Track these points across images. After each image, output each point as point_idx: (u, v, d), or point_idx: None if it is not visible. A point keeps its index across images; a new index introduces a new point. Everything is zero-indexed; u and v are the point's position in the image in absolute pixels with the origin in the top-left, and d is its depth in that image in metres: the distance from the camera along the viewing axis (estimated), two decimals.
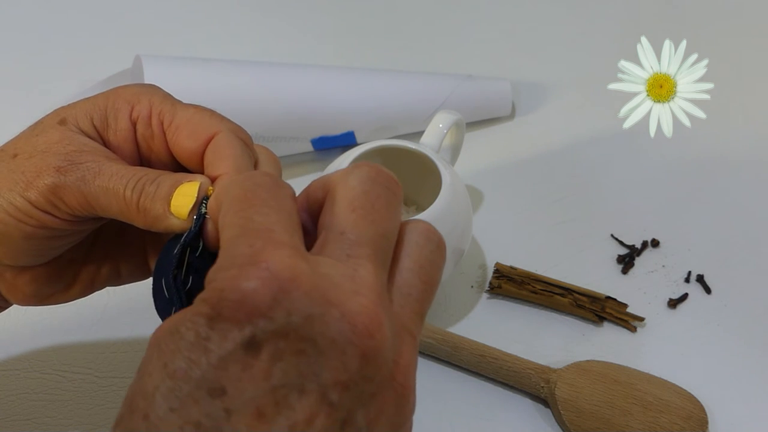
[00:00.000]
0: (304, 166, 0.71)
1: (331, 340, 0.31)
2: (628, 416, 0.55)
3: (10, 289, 0.46)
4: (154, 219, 0.41)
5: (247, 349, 0.31)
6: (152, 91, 0.45)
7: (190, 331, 0.31)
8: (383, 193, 0.36)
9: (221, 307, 0.31)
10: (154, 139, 0.44)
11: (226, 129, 0.43)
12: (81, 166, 0.42)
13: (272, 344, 0.31)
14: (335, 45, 0.82)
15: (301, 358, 0.31)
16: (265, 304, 0.31)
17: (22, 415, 0.56)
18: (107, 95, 0.45)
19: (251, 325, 0.31)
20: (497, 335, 0.60)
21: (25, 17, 0.83)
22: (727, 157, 0.73)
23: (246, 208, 0.34)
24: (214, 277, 0.32)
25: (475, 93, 0.73)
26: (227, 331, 0.31)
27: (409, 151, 0.61)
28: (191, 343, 0.31)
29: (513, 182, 0.71)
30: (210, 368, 0.31)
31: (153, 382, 0.31)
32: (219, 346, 0.31)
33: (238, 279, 0.31)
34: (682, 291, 0.64)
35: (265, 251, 0.32)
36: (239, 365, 0.31)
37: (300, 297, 0.31)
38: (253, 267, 0.31)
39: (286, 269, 0.31)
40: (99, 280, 0.48)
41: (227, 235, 0.34)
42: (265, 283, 0.31)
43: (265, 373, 0.31)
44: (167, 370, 0.31)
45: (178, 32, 0.82)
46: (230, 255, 0.32)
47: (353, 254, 0.34)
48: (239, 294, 0.31)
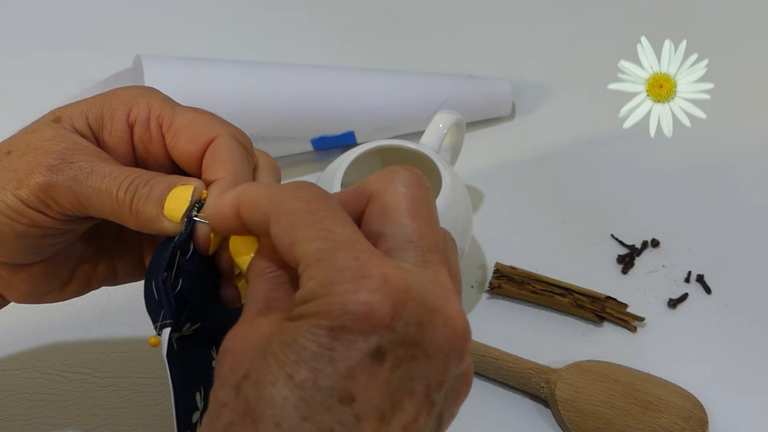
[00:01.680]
0: (304, 166, 0.71)
1: (438, 345, 0.34)
2: (628, 416, 0.55)
3: (6, 286, 0.46)
4: (146, 221, 0.41)
5: (374, 358, 0.33)
6: (151, 94, 0.45)
7: (311, 342, 0.33)
8: (429, 197, 0.38)
9: (344, 320, 0.33)
10: (152, 142, 0.44)
11: (225, 133, 0.43)
12: (73, 165, 0.42)
13: (394, 353, 0.33)
14: (335, 45, 0.82)
15: (412, 363, 0.34)
16: (389, 315, 0.33)
17: (22, 415, 0.56)
18: (105, 96, 0.45)
19: (377, 335, 0.33)
20: (497, 335, 0.60)
21: (25, 17, 0.83)
22: (727, 157, 0.73)
23: (318, 220, 0.35)
24: (329, 290, 0.33)
25: (475, 93, 0.73)
26: (352, 342, 0.33)
27: (409, 151, 0.61)
28: (315, 354, 0.33)
29: (513, 182, 0.71)
30: (339, 377, 0.32)
31: (280, 392, 0.32)
32: (345, 356, 0.33)
33: (359, 292, 0.33)
34: (682, 291, 0.64)
35: (372, 263, 0.33)
36: (367, 373, 0.33)
37: (414, 307, 0.34)
38: (370, 280, 0.33)
39: (401, 281, 0.33)
40: (95, 279, 0.48)
41: (311, 247, 0.34)
42: (387, 295, 0.33)
43: (387, 380, 0.33)
44: (294, 381, 0.32)
45: (178, 32, 0.82)
46: (335, 268, 0.33)
47: (429, 261, 0.36)
48: (364, 307, 0.33)
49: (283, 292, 0.37)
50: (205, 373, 0.41)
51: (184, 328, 0.40)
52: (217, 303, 0.42)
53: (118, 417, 0.56)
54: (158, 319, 0.39)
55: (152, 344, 0.39)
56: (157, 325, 0.39)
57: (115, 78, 0.70)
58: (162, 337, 0.39)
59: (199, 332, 0.41)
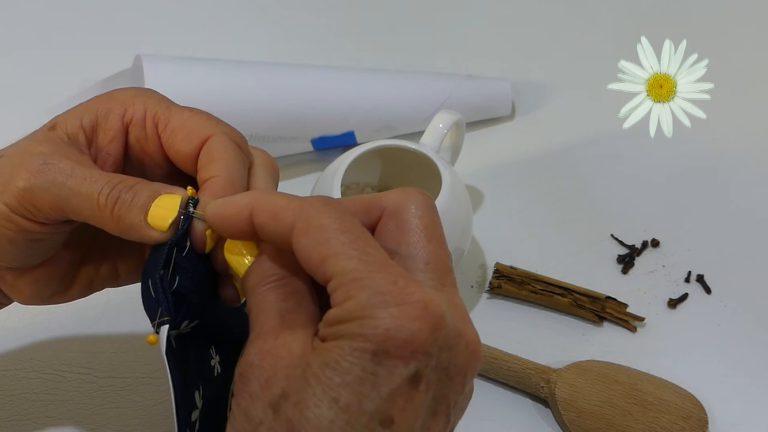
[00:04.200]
0: (304, 166, 0.71)
1: (459, 367, 0.36)
2: (628, 416, 0.55)
3: (11, 290, 0.46)
4: (128, 227, 0.41)
5: (411, 382, 0.34)
6: (147, 95, 0.45)
7: (355, 366, 0.34)
8: (440, 220, 0.39)
9: (388, 345, 0.34)
10: (148, 142, 0.44)
11: (219, 132, 0.43)
12: (53, 167, 0.42)
13: (428, 376, 0.35)
14: (335, 45, 0.82)
15: (439, 385, 0.35)
16: (427, 342, 0.34)
17: (22, 415, 0.56)
18: (101, 98, 0.45)
19: (416, 361, 0.34)
20: (497, 335, 0.60)
21: (25, 17, 0.83)
22: (727, 157, 0.73)
23: (353, 239, 0.36)
24: (371, 313, 0.34)
25: (475, 93, 0.73)
26: (394, 367, 0.34)
27: (409, 151, 0.61)
28: (359, 378, 0.34)
29: (513, 182, 0.71)
30: (381, 401, 0.34)
31: (325, 415, 0.34)
32: (388, 381, 0.34)
33: (403, 319, 0.34)
34: (682, 291, 0.64)
35: (410, 289, 0.35)
36: (405, 397, 0.34)
37: (447, 333, 0.35)
38: (411, 306, 0.34)
39: (437, 307, 0.35)
40: (98, 281, 0.48)
41: (347, 266, 0.35)
42: (426, 322, 0.34)
43: (421, 402, 0.35)
44: (339, 404, 0.34)
45: (178, 32, 0.82)
46: (375, 291, 0.35)
47: (445, 283, 0.37)
48: (407, 334, 0.34)
49: (294, 303, 0.38)
50: (203, 371, 0.41)
51: (182, 326, 0.40)
52: (216, 300, 0.42)
53: (118, 417, 0.56)
54: (156, 317, 0.39)
55: (150, 342, 0.39)
56: (154, 322, 0.39)
57: (115, 78, 0.70)
58: (160, 334, 0.39)
59: (197, 330, 0.41)
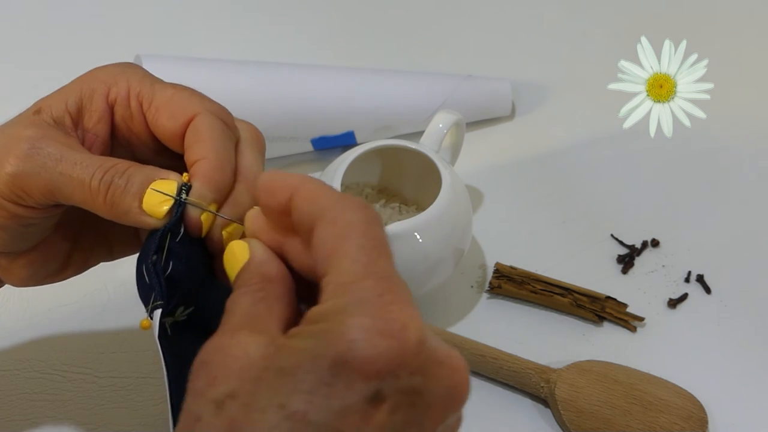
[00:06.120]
0: (304, 166, 0.71)
1: (439, 396, 0.33)
2: (628, 416, 0.55)
3: (5, 273, 0.46)
4: (122, 213, 0.41)
5: (371, 402, 0.32)
6: (130, 71, 0.45)
7: (310, 374, 0.31)
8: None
9: (349, 357, 0.31)
10: (134, 120, 0.44)
11: (205, 110, 0.43)
12: (42, 152, 0.41)
13: (393, 399, 0.32)
14: (335, 45, 0.82)
15: (410, 410, 0.33)
16: (396, 364, 0.32)
17: (22, 415, 0.56)
18: (83, 78, 0.45)
19: (379, 380, 0.32)
20: (497, 335, 0.60)
21: (25, 17, 0.83)
22: (727, 157, 0.73)
23: (373, 247, 0.34)
24: (341, 320, 0.32)
25: (475, 93, 0.73)
26: (353, 382, 0.31)
27: (409, 151, 0.61)
28: (312, 387, 0.31)
29: (513, 182, 0.71)
30: (331, 414, 0.31)
31: (268, 420, 0.31)
32: (343, 395, 0.31)
33: (372, 333, 0.32)
34: (682, 291, 0.64)
35: (394, 306, 0.33)
36: (359, 415, 0.31)
37: (424, 360, 0.33)
38: (387, 323, 0.32)
39: (417, 332, 0.32)
40: (92, 258, 0.47)
41: (347, 267, 0.34)
42: (399, 345, 0.32)
43: (381, 424, 0.32)
44: (285, 411, 0.31)
45: (178, 32, 0.82)
46: (355, 298, 0.33)
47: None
48: (373, 351, 0.32)
49: (264, 307, 0.36)
50: None
51: (177, 312, 0.40)
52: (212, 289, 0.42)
53: (118, 417, 0.56)
54: (150, 302, 0.39)
55: (144, 327, 0.39)
56: (148, 307, 0.39)
57: None
58: (153, 319, 0.38)
59: (194, 318, 0.41)
